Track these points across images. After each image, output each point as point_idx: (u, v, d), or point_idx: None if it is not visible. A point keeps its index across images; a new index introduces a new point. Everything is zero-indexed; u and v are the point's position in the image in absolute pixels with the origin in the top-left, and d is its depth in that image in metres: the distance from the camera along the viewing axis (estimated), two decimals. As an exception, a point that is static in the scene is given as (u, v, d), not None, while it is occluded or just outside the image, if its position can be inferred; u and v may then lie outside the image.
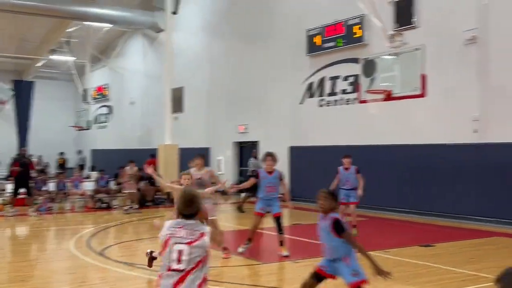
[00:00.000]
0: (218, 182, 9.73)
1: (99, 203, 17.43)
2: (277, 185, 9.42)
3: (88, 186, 18.02)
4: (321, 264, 5.17)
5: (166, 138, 20.28)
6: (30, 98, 33.17)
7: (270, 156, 9.45)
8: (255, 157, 18.89)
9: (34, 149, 29.37)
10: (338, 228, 4.96)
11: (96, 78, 33.30)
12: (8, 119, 32.48)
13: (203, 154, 10.37)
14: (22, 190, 16.19)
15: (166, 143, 20.26)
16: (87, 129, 32.37)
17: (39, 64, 32.93)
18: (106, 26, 28.27)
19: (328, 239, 5.05)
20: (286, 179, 13.07)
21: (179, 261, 3.72)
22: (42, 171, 17.34)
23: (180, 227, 3.79)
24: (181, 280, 3.71)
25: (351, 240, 5.04)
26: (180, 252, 3.71)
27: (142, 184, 17.59)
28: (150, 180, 16.75)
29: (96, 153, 33.20)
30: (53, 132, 34.22)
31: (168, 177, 15.82)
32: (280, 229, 9.32)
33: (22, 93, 32.71)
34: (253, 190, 11.30)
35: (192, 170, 9.79)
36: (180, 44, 23.22)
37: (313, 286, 5.18)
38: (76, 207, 17.18)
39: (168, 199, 16.39)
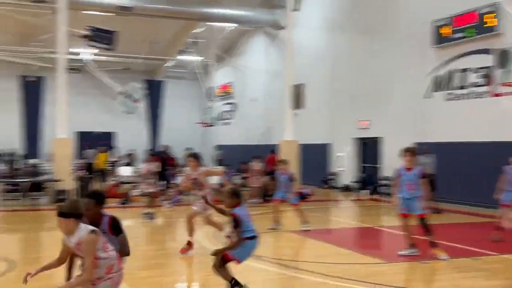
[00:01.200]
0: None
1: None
2: (417, 183, 8.79)
3: (215, 180, 18.76)
4: None
5: (286, 134, 20.53)
6: (161, 96, 35.23)
7: (409, 151, 8.91)
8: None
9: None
10: (114, 227, 5.15)
11: (220, 76, 34.56)
12: (141, 117, 34.77)
13: (195, 154, 10.00)
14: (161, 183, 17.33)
15: (287, 139, 20.50)
16: (212, 125, 33.72)
17: (169, 64, 34.88)
18: (230, 25, 29.23)
19: None
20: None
21: None
22: (172, 165, 18.38)
23: None
24: None
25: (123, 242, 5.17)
26: None
27: (265, 178, 18.00)
28: (272, 176, 17.07)
29: (220, 148, 34.52)
30: (181, 128, 36.07)
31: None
32: (426, 230, 8.79)
33: (154, 92, 34.80)
34: None
35: (187, 170, 9.75)
36: (301, 41, 23.34)
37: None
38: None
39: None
